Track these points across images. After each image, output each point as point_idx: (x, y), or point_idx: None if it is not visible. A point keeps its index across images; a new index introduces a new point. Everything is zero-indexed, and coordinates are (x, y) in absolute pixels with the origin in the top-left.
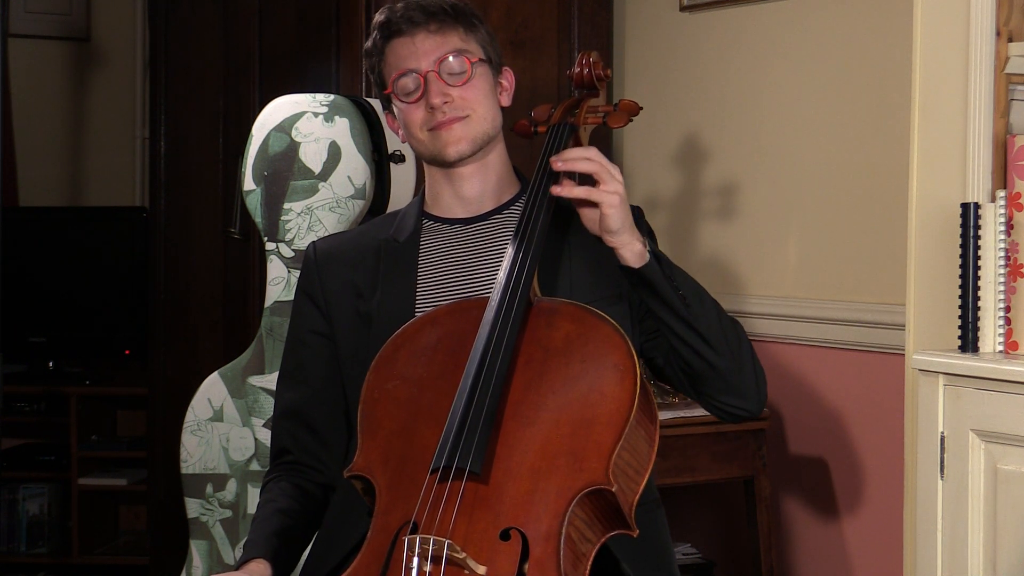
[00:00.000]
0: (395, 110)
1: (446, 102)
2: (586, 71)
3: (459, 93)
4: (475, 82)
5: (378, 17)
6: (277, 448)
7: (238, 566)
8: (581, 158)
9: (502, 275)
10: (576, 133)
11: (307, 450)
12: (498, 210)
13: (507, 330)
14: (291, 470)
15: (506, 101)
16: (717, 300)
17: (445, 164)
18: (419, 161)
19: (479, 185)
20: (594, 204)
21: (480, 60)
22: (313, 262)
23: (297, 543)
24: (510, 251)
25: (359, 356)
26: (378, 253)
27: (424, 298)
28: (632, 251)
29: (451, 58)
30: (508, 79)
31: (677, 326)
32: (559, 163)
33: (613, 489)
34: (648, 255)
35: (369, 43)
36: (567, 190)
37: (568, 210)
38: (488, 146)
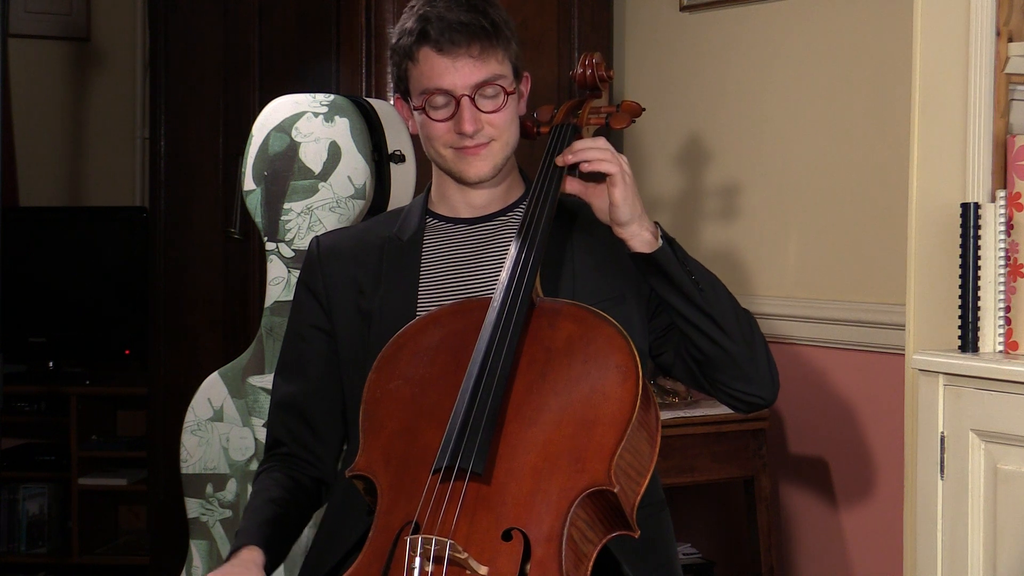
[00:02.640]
0: (414, 112)
1: (477, 129)
2: (588, 72)
3: (488, 119)
4: (506, 109)
5: (411, 21)
6: (272, 439)
7: (230, 554)
8: (588, 148)
9: (504, 276)
10: (579, 134)
11: (301, 443)
12: (502, 211)
13: (509, 331)
14: (285, 461)
15: (523, 109)
16: None
17: (462, 182)
18: (419, 161)
19: (488, 191)
20: (601, 193)
21: (512, 87)
22: (316, 256)
23: (289, 532)
24: (513, 252)
25: (358, 354)
26: (381, 251)
27: (426, 298)
28: (642, 240)
29: (488, 88)
30: (526, 86)
31: (691, 313)
32: (569, 156)
33: (615, 490)
34: (660, 241)
35: (399, 40)
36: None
37: (571, 211)
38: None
